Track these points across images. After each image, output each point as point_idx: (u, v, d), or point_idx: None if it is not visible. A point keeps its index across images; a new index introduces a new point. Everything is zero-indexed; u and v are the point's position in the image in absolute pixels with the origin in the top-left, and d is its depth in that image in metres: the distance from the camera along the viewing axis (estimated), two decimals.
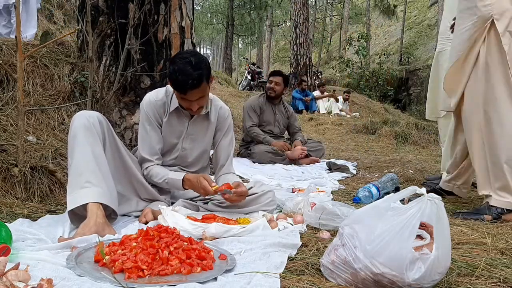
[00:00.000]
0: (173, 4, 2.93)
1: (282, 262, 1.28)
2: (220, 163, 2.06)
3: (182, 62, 1.74)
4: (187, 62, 1.73)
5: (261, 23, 23.64)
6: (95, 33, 2.78)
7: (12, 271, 1.02)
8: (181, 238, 1.32)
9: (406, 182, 3.04)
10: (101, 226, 1.49)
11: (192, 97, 1.78)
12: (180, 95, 1.80)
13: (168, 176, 1.87)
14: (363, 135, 6.82)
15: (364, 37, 16.07)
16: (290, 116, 4.28)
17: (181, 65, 1.73)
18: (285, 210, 1.98)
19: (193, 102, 1.81)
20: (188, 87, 1.73)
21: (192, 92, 1.75)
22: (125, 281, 1.10)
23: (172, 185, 1.89)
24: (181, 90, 1.76)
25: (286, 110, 4.27)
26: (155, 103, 1.93)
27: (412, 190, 1.20)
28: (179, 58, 1.78)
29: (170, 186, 1.90)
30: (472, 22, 2.03)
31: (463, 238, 1.66)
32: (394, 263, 1.09)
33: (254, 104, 4.05)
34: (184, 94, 1.77)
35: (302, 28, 12.12)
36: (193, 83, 1.72)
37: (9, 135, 2.34)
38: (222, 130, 2.07)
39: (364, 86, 15.18)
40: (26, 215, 1.72)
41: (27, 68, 2.83)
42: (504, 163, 2.00)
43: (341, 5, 25.65)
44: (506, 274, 1.27)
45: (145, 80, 2.87)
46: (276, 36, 35.33)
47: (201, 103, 1.84)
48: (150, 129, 1.92)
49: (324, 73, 19.60)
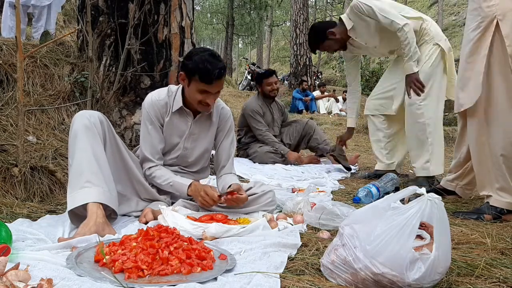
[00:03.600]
0: (173, 4, 2.93)
1: (282, 262, 1.28)
2: (221, 164, 2.06)
3: (205, 54, 1.78)
4: (210, 54, 1.79)
5: (261, 23, 23.63)
6: (95, 33, 2.78)
7: (12, 271, 1.02)
8: (181, 238, 1.32)
9: (406, 182, 3.04)
10: (101, 226, 1.49)
11: (215, 88, 1.81)
12: (203, 87, 1.80)
13: (173, 180, 1.87)
14: (363, 135, 6.81)
15: None
16: (283, 112, 4.28)
17: (207, 56, 1.77)
18: (285, 210, 1.98)
19: (211, 96, 1.83)
20: (216, 76, 1.76)
21: (217, 82, 1.79)
22: (125, 281, 1.10)
23: (176, 189, 1.89)
24: (208, 79, 1.77)
25: (279, 106, 4.24)
26: (157, 103, 1.93)
27: (412, 190, 1.20)
28: (199, 51, 1.81)
29: (174, 190, 1.90)
30: (477, 23, 2.04)
31: (463, 238, 1.66)
32: (394, 263, 1.09)
33: (256, 107, 3.97)
34: (210, 84, 1.78)
35: (302, 28, 12.12)
36: (221, 72, 1.77)
37: (9, 135, 2.34)
38: (224, 131, 2.07)
39: (364, 86, 15.16)
40: (26, 215, 1.72)
41: (27, 68, 2.83)
42: (503, 163, 2.00)
43: (341, 5, 25.64)
44: (506, 274, 1.27)
45: (145, 80, 2.87)
46: (276, 36, 35.33)
47: (216, 97, 1.89)
48: (151, 128, 1.92)
49: (324, 73, 19.60)
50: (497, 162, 2.01)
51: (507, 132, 1.99)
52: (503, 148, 2.00)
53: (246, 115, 4.00)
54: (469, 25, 2.11)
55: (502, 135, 2.00)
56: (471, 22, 2.09)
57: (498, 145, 2.01)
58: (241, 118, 4.11)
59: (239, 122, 4.15)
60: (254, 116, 3.94)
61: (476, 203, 2.37)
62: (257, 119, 3.94)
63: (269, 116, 4.08)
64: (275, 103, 4.19)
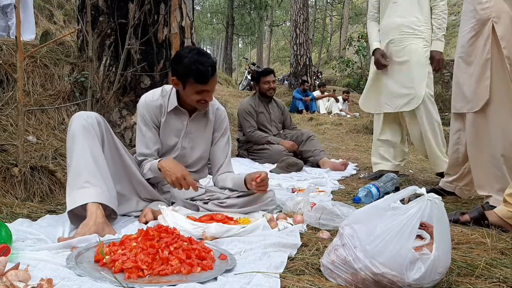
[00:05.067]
0: (173, 4, 2.93)
1: (282, 262, 1.28)
2: (218, 163, 2.06)
3: (192, 54, 1.77)
4: (197, 53, 1.78)
5: (261, 23, 23.64)
6: (95, 33, 2.78)
7: (12, 271, 1.02)
8: (181, 238, 1.32)
9: (406, 182, 3.04)
10: (101, 226, 1.49)
11: (211, 86, 1.82)
12: (200, 88, 1.80)
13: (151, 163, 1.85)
14: (363, 135, 6.82)
15: (364, 37, 16.06)
16: (283, 111, 4.24)
17: (195, 56, 1.76)
18: (285, 210, 1.98)
19: (209, 92, 1.84)
20: (210, 74, 1.76)
21: (212, 79, 1.80)
22: (125, 281, 1.10)
23: (153, 171, 1.85)
24: (204, 79, 1.77)
25: (278, 106, 4.21)
26: (151, 104, 1.92)
27: (412, 190, 1.20)
28: (186, 52, 1.80)
29: (153, 173, 1.85)
30: (472, 25, 2.04)
31: (463, 238, 1.66)
32: (394, 263, 1.09)
33: (247, 107, 3.97)
34: (206, 84, 1.79)
35: (302, 28, 12.12)
36: (213, 68, 1.77)
37: (9, 135, 2.34)
38: (220, 131, 2.07)
39: (364, 86, 15.17)
40: (26, 215, 1.72)
41: (27, 68, 2.83)
42: (503, 164, 2.00)
43: (341, 5, 25.66)
44: (506, 274, 1.27)
45: (145, 80, 2.87)
46: (276, 36, 35.34)
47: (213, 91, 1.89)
48: (146, 129, 1.92)
49: (324, 73, 19.60)
50: (497, 163, 2.01)
51: (507, 133, 1.99)
52: (504, 148, 2.00)
53: (239, 115, 4.03)
54: (464, 26, 2.11)
55: (502, 136, 2.00)
56: (466, 23, 2.09)
57: (498, 145, 2.01)
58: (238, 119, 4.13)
59: (238, 121, 4.15)
60: (244, 116, 3.95)
61: (476, 203, 2.37)
62: (246, 119, 3.94)
63: (265, 115, 4.05)
64: (274, 102, 4.16)
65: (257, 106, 4.02)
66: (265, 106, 4.07)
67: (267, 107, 4.08)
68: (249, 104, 4.01)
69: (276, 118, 4.14)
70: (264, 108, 4.06)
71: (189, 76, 1.76)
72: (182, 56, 1.78)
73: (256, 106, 4.01)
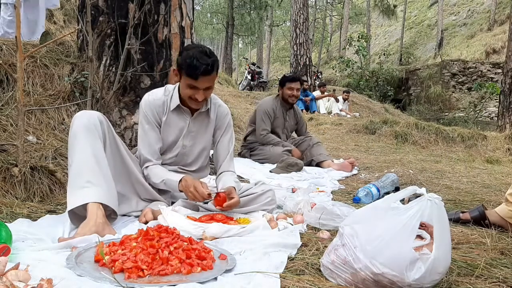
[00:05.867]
0: (173, 4, 2.93)
1: (282, 262, 1.28)
2: (220, 161, 2.06)
3: (197, 50, 1.80)
4: (202, 51, 1.80)
5: (261, 23, 23.64)
6: (95, 33, 2.78)
7: (12, 271, 1.02)
8: (181, 238, 1.32)
9: (406, 182, 3.04)
10: (101, 226, 1.49)
11: (202, 84, 1.82)
12: (190, 82, 1.81)
13: (166, 177, 1.87)
14: (363, 135, 6.82)
15: (364, 37, 16.08)
16: (299, 120, 4.17)
17: (197, 52, 1.79)
18: (285, 210, 1.98)
19: (200, 91, 1.84)
20: (201, 72, 1.77)
21: (204, 79, 1.80)
22: (125, 281, 1.10)
23: (169, 186, 1.88)
24: (194, 75, 1.78)
25: (296, 114, 4.14)
26: (154, 103, 1.93)
27: (412, 190, 1.20)
28: (192, 47, 1.84)
29: (167, 187, 1.89)
30: None
31: (463, 238, 1.66)
32: (394, 263, 1.09)
33: (269, 108, 3.89)
34: (195, 80, 1.79)
35: (302, 28, 12.11)
36: (207, 68, 1.78)
37: (9, 135, 2.34)
38: (222, 129, 2.07)
39: (364, 86, 15.19)
40: (26, 215, 1.72)
41: (27, 68, 2.83)
42: None
43: (341, 5, 25.67)
44: (506, 274, 1.27)
45: (145, 80, 2.87)
46: (276, 36, 35.33)
47: (207, 94, 1.88)
48: (148, 128, 1.93)
49: (324, 73, 19.62)
50: None
51: None
52: None
53: (257, 111, 3.93)
54: None
55: None
56: None
57: None
58: (253, 114, 4.05)
59: (251, 118, 4.08)
60: (262, 116, 3.87)
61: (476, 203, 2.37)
62: (263, 120, 3.87)
63: (281, 121, 3.99)
64: (294, 110, 4.09)
65: (277, 110, 3.95)
66: (283, 112, 3.99)
67: (285, 113, 4.01)
68: (271, 106, 3.92)
69: (289, 127, 4.09)
70: (282, 114, 3.99)
71: (183, 67, 1.80)
72: (186, 49, 1.85)
73: (276, 110, 3.94)
